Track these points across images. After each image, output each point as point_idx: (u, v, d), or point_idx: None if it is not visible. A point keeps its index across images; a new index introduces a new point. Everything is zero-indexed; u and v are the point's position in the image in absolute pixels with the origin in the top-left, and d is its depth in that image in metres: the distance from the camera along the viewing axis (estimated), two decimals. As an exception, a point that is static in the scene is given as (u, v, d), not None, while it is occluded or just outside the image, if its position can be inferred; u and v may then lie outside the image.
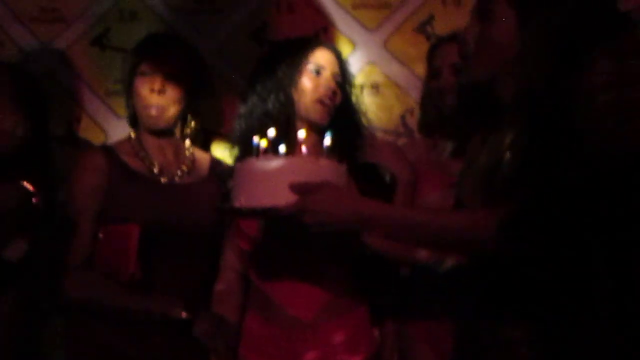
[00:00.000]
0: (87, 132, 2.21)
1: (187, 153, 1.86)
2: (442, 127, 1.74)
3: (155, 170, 1.77)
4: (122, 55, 2.19)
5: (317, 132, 1.65)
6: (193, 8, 2.21)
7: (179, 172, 1.80)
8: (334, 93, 1.67)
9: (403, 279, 1.66)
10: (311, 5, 2.16)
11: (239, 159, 1.65)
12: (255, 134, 1.33)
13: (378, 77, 2.10)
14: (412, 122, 2.07)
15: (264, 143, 1.30)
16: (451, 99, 1.62)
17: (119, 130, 2.15)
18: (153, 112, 1.73)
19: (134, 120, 1.83)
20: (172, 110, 1.76)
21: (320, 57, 1.69)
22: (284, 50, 1.72)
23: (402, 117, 2.09)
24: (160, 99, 1.73)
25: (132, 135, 1.83)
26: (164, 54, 1.77)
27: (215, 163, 1.89)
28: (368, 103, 2.03)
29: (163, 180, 1.77)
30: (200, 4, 2.21)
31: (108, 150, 1.78)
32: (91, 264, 1.66)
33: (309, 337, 1.56)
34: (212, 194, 1.76)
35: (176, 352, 1.63)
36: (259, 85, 1.68)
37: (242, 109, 1.72)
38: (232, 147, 1.72)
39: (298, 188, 1.20)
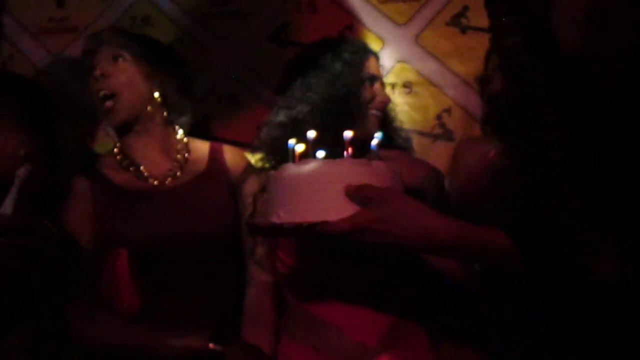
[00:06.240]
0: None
1: (178, 146, 1.63)
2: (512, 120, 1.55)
3: (146, 175, 1.58)
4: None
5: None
6: (208, 11, 2.11)
7: (169, 173, 1.59)
8: (386, 105, 1.57)
9: (461, 295, 1.47)
10: (334, 2, 2.02)
11: (270, 167, 1.47)
12: (289, 139, 1.13)
13: (410, 75, 1.95)
14: (450, 122, 1.92)
15: (300, 147, 1.11)
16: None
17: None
18: (106, 103, 1.55)
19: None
20: (127, 95, 1.55)
21: (372, 66, 1.56)
22: (338, 55, 1.54)
23: (439, 117, 1.94)
24: (103, 84, 1.55)
25: (117, 143, 1.63)
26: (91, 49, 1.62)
27: (215, 151, 1.65)
28: (401, 104, 1.91)
29: (152, 183, 1.57)
30: (216, 6, 2.10)
31: (90, 170, 1.60)
32: (95, 298, 1.49)
33: None
34: (213, 192, 1.56)
35: None
36: (296, 91, 1.50)
37: (275, 116, 1.52)
38: (260, 154, 1.53)
39: (355, 196, 0.98)
